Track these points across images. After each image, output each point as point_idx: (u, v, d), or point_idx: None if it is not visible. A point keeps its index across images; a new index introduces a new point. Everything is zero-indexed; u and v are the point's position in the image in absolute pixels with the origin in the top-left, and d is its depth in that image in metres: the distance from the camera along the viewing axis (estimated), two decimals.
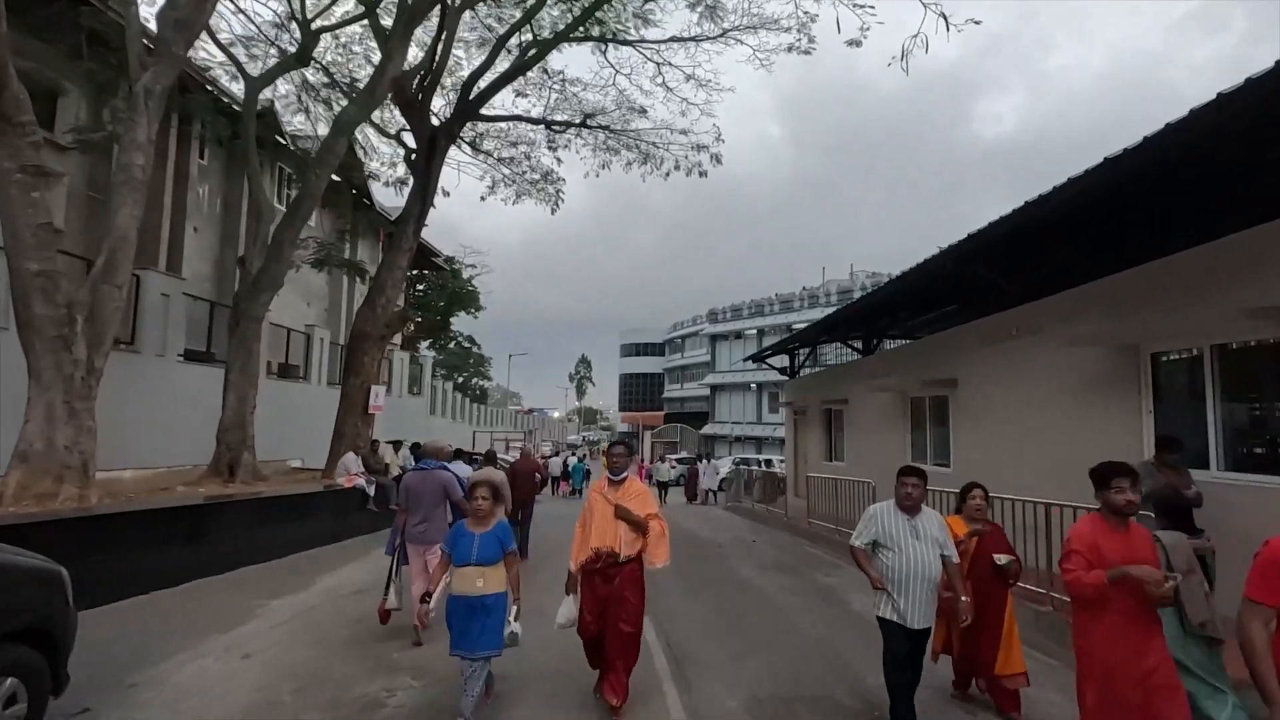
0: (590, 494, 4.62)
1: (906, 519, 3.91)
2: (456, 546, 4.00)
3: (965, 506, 4.66)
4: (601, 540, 4.34)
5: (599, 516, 4.40)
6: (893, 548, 3.85)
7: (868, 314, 13.11)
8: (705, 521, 15.28)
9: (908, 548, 3.83)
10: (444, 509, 5.76)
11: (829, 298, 37.17)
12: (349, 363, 14.17)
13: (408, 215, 15.26)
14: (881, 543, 3.92)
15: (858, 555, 4.04)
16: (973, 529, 4.47)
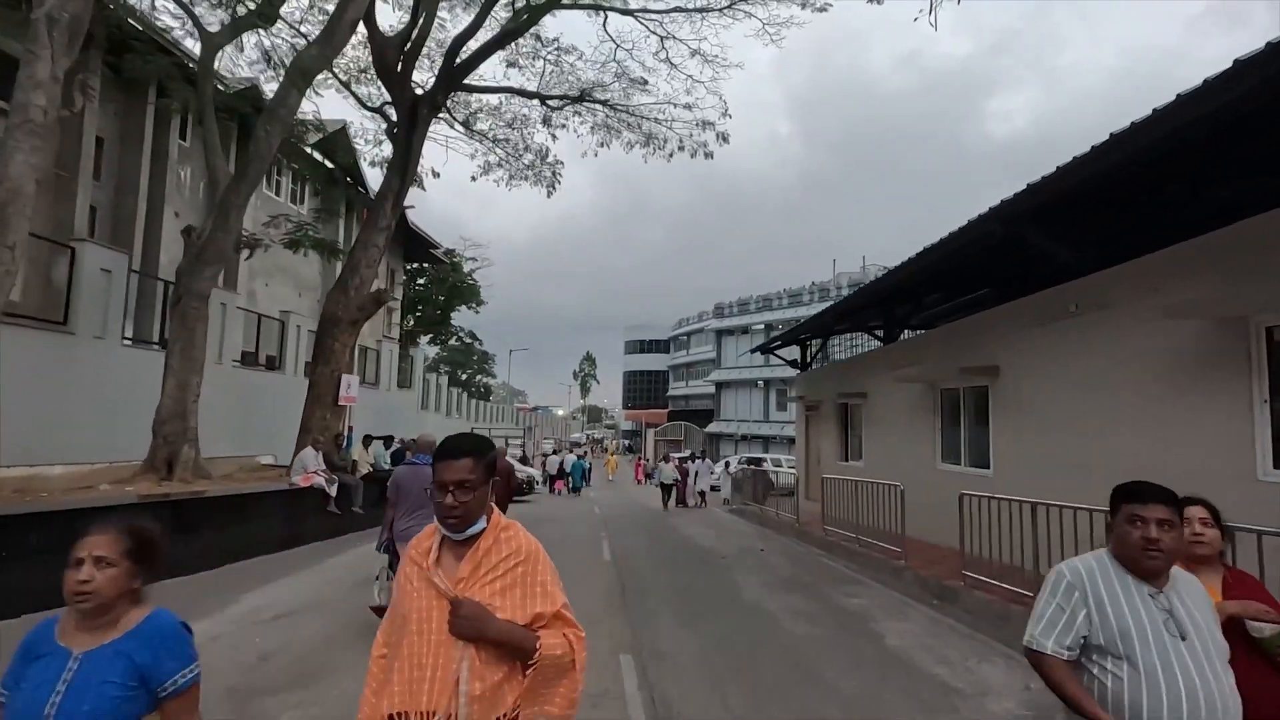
0: (403, 569, 1.83)
1: (1150, 592, 1.90)
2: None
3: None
4: (415, 694, 1.63)
5: (417, 627, 1.68)
6: (1133, 657, 1.82)
7: (888, 297, 11.73)
8: (709, 526, 13.95)
9: (1165, 655, 1.81)
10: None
11: (840, 291, 35.66)
12: (317, 349, 12.93)
13: (386, 191, 14.01)
14: (1105, 646, 1.87)
15: (1052, 671, 1.90)
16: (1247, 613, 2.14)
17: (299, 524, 9.73)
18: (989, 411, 8.91)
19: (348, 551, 9.42)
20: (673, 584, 7.79)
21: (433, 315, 43.74)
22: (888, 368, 11.61)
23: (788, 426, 37.64)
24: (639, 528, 13.49)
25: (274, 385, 16.05)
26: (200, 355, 9.67)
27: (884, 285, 10.63)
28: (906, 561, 8.35)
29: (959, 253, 8.55)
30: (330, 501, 10.38)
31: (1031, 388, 8.13)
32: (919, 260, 9.14)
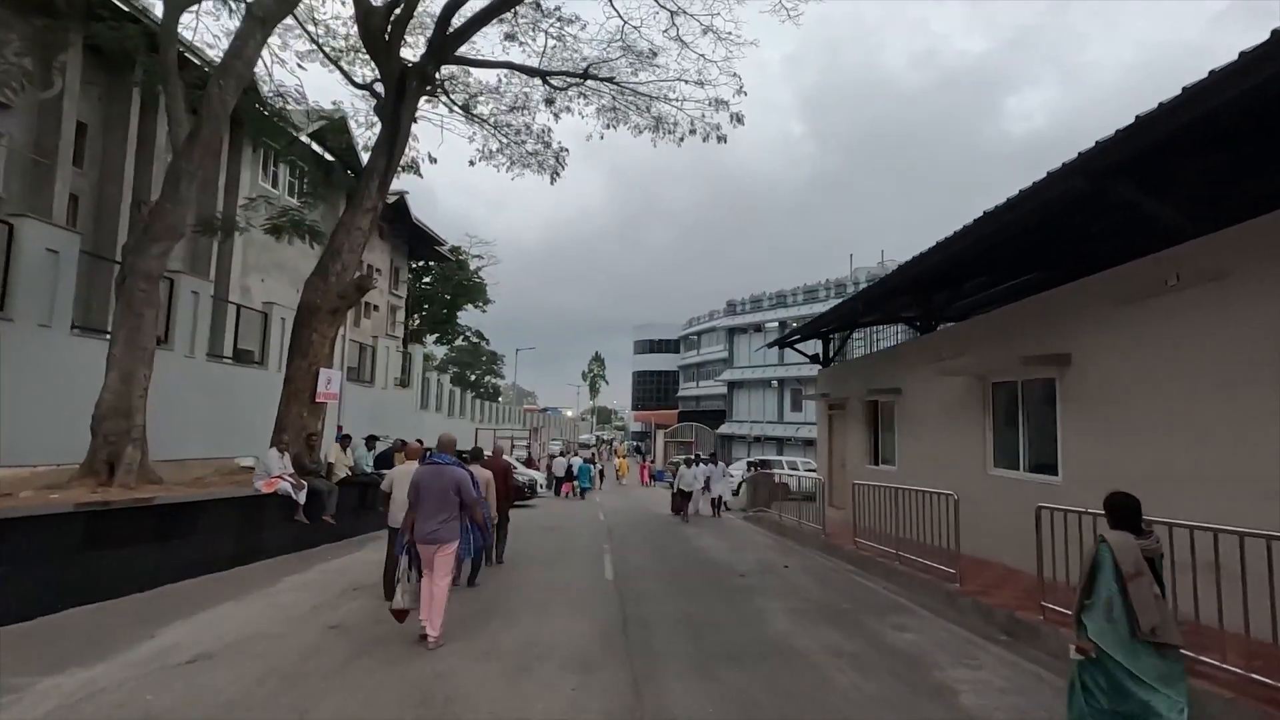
0: None
1: None
2: None
3: None
4: None
5: None
6: None
7: (926, 282, 10.40)
8: (722, 537, 12.66)
9: None
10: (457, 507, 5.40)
11: (858, 287, 34.23)
12: (294, 341, 11.79)
13: (372, 169, 12.86)
14: None
15: None
16: None
17: (258, 536, 8.56)
18: (1056, 408, 7.59)
19: (313, 568, 8.23)
20: (684, 612, 6.53)
21: (438, 314, 42.78)
22: (927, 360, 10.29)
23: (803, 428, 36.23)
24: (646, 538, 12.23)
25: (256, 381, 14.96)
26: (149, 344, 8.53)
27: (922, 268, 9.30)
28: (961, 585, 7.04)
29: (1017, 224, 7.23)
30: (299, 510, 9.21)
31: (1112, 379, 6.81)
32: (966, 236, 7.80)
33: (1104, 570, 3.23)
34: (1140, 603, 3.11)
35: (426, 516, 5.29)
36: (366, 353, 21.74)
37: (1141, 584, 3.14)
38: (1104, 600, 3.20)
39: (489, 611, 6.33)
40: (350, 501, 10.92)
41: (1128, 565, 3.16)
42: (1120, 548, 3.22)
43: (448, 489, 5.35)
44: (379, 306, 33.36)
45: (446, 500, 5.33)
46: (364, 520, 11.33)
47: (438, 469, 5.44)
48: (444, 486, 5.34)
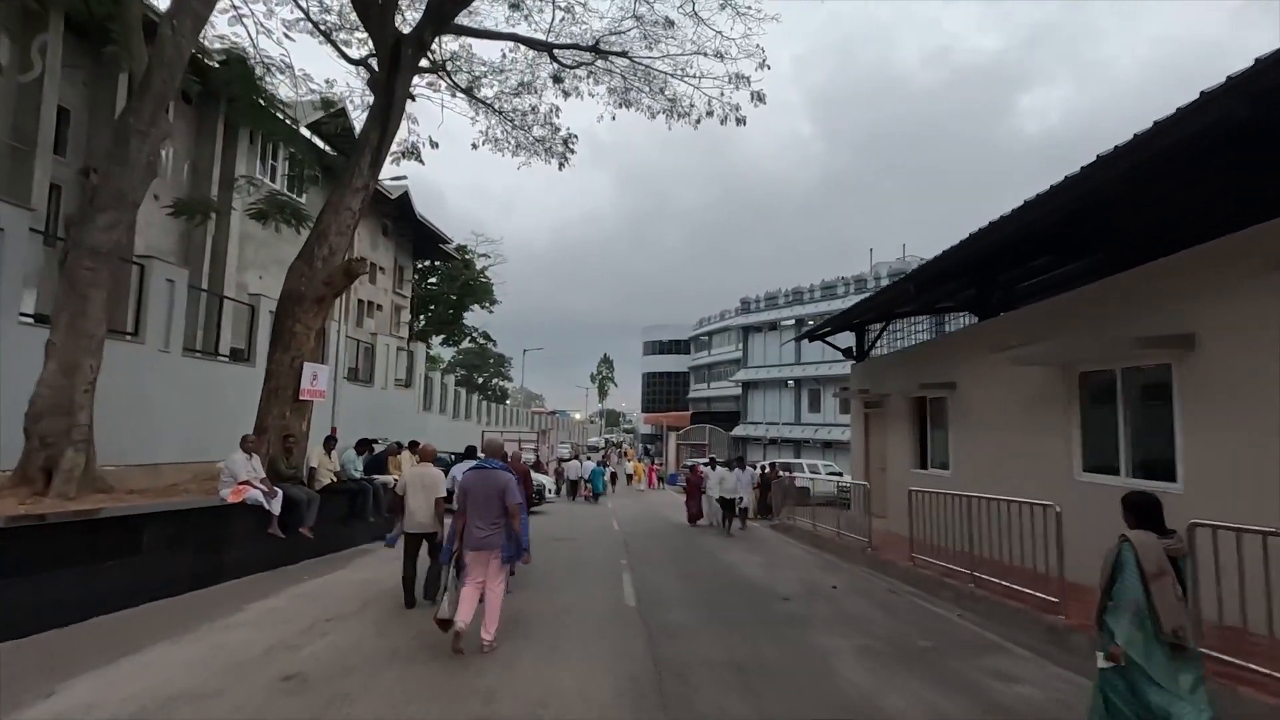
0: None
1: None
2: None
3: None
4: None
5: None
6: None
7: (990, 258, 9.06)
8: (753, 550, 11.35)
9: None
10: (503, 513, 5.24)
11: (878, 282, 32.85)
12: (275, 333, 10.62)
13: (363, 144, 11.68)
14: None
15: None
16: None
17: (221, 553, 7.34)
18: (1173, 400, 6.26)
19: (282, 592, 7.00)
20: (728, 655, 5.24)
21: (445, 315, 41.73)
22: (990, 349, 8.97)
23: (822, 429, 34.86)
24: (667, 552, 10.94)
25: (241, 379, 13.78)
26: (97, 331, 7.34)
27: (987, 242, 7.96)
28: (1067, 617, 5.72)
29: (1117, 183, 5.91)
30: (273, 522, 8.00)
31: (1252, 363, 5.49)
32: (1050, 201, 6.47)
33: (1126, 570, 3.15)
34: (1163, 603, 3.04)
35: (477, 523, 5.18)
36: (364, 351, 20.60)
37: (1165, 584, 3.07)
38: (1129, 602, 3.11)
39: (487, 655, 5.07)
40: (335, 511, 9.72)
41: (1150, 565, 3.09)
42: (1143, 546, 3.14)
43: (495, 494, 5.22)
44: (382, 306, 32.27)
45: (495, 505, 5.21)
46: (350, 532, 10.12)
47: (485, 473, 5.32)
48: (491, 491, 5.22)
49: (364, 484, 10.31)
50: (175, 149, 18.86)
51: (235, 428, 11.42)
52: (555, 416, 65.03)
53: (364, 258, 31.28)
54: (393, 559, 9.31)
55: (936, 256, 8.85)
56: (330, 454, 9.76)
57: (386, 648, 5.21)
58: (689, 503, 15.03)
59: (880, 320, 14.25)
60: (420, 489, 6.48)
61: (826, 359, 35.10)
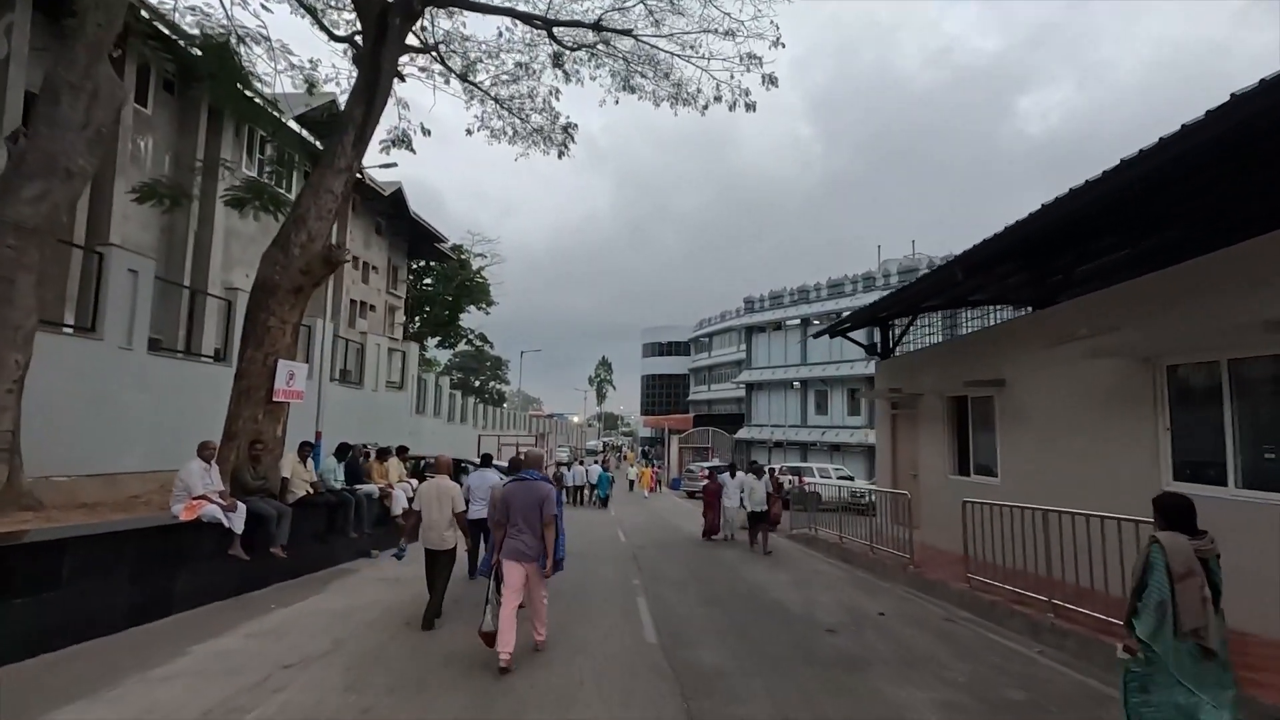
0: None
1: None
2: None
3: None
4: None
5: None
6: None
7: (1048, 240, 8.03)
8: (777, 566, 10.29)
9: None
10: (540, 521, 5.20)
11: (888, 279, 31.87)
12: (247, 328, 9.58)
13: (346, 121, 10.65)
14: None
15: None
16: None
17: (170, 581, 6.26)
18: None
19: (239, 628, 5.92)
20: (781, 715, 4.19)
21: (440, 316, 40.69)
22: (1049, 341, 7.96)
23: (829, 431, 33.84)
24: (684, 570, 9.86)
25: (218, 381, 12.68)
26: (24, 321, 6.27)
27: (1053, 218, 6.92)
28: None
29: (1240, 129, 4.88)
30: (234, 542, 6.92)
31: None
32: (1148, 160, 5.44)
33: (1156, 571, 3.13)
34: (1186, 603, 3.05)
35: (518, 533, 5.20)
36: (353, 351, 19.52)
37: (1191, 584, 3.07)
38: (1157, 603, 3.09)
39: (479, 715, 4.01)
40: (312, 526, 8.65)
41: (1179, 565, 3.09)
42: (1172, 548, 3.14)
43: (536, 505, 5.22)
44: (375, 306, 31.22)
45: (535, 516, 5.22)
46: (330, 549, 9.04)
47: (527, 484, 5.33)
48: (532, 503, 5.23)
49: (345, 495, 9.25)
50: (155, 140, 17.89)
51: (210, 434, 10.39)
52: (553, 420, 63.96)
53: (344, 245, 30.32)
54: (377, 580, 8.30)
55: (989, 237, 7.82)
56: (306, 462, 8.68)
57: (356, 708, 4.15)
58: (706, 513, 13.26)
59: (906, 314, 13.23)
60: (436, 503, 6.22)
61: (834, 359, 34.10)
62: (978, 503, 7.53)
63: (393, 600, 7.21)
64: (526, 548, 5.16)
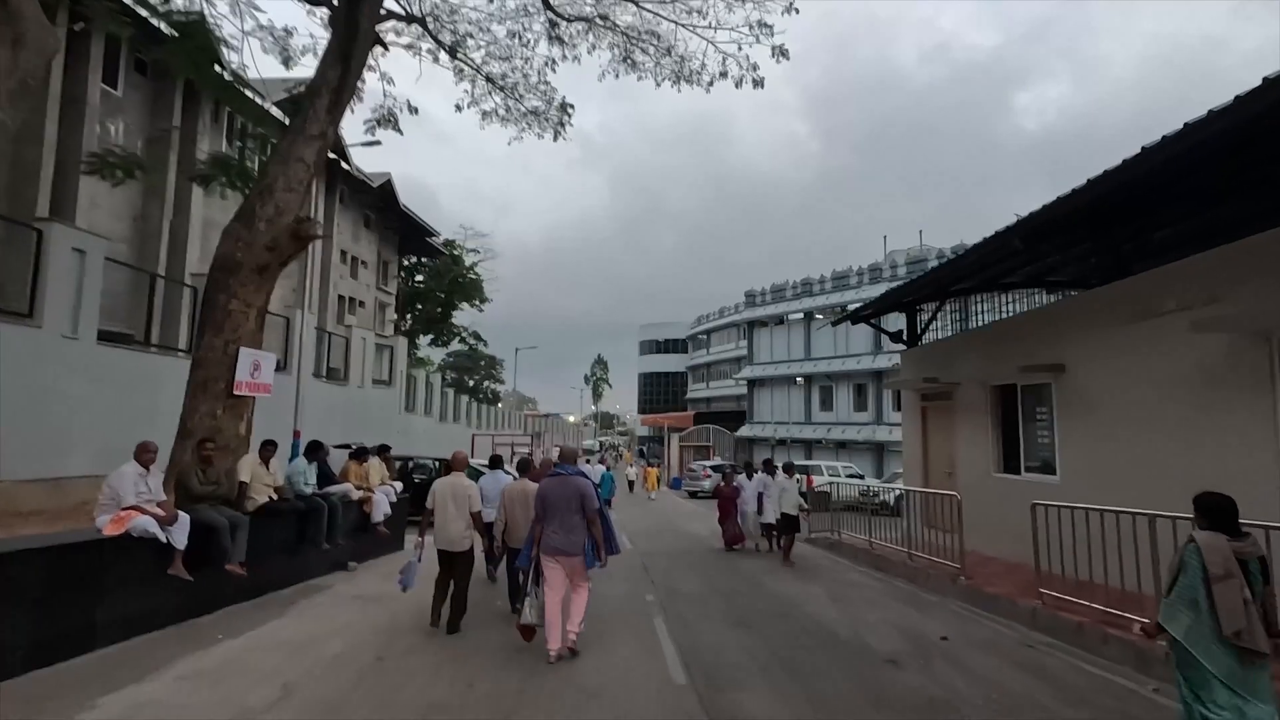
0: None
1: None
2: None
3: None
4: None
5: None
6: None
7: (1119, 205, 6.97)
8: (806, 578, 9.20)
9: None
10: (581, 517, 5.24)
11: (894, 270, 30.87)
12: (204, 312, 8.46)
13: (319, 85, 9.51)
14: None
15: None
16: None
17: (89, 610, 5.11)
18: None
19: (167, 669, 4.78)
20: None
21: (433, 313, 39.51)
22: (1127, 318, 6.90)
23: (835, 428, 32.84)
24: (700, 579, 8.77)
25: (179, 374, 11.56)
26: None
27: (1134, 175, 5.86)
28: None
29: None
30: (175, 559, 5.79)
31: None
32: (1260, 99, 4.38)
33: (1189, 571, 3.13)
34: (1226, 606, 2.99)
35: (556, 529, 5.21)
36: (338, 345, 18.36)
37: (1230, 586, 3.01)
38: (1188, 601, 3.10)
39: None
40: (277, 537, 7.51)
41: (1216, 567, 3.06)
42: (1209, 549, 3.11)
43: (574, 500, 5.23)
44: (365, 302, 30.05)
45: (574, 511, 5.22)
46: (300, 563, 7.91)
47: (564, 479, 5.35)
48: (570, 497, 5.23)
49: (316, 501, 8.11)
50: (127, 124, 16.71)
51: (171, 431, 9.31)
52: (549, 419, 62.86)
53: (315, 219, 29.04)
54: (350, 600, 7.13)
55: (1058, 198, 6.74)
56: (269, 464, 7.53)
57: None
58: (724, 522, 11.52)
59: (935, 299, 12.17)
60: (451, 501, 5.97)
61: (839, 353, 33.09)
62: (1051, 505, 6.46)
63: (365, 626, 6.10)
64: (565, 543, 5.16)
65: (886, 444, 29.28)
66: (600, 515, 5.36)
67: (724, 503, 11.50)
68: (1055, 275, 11.04)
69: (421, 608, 6.34)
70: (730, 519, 11.35)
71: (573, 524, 5.17)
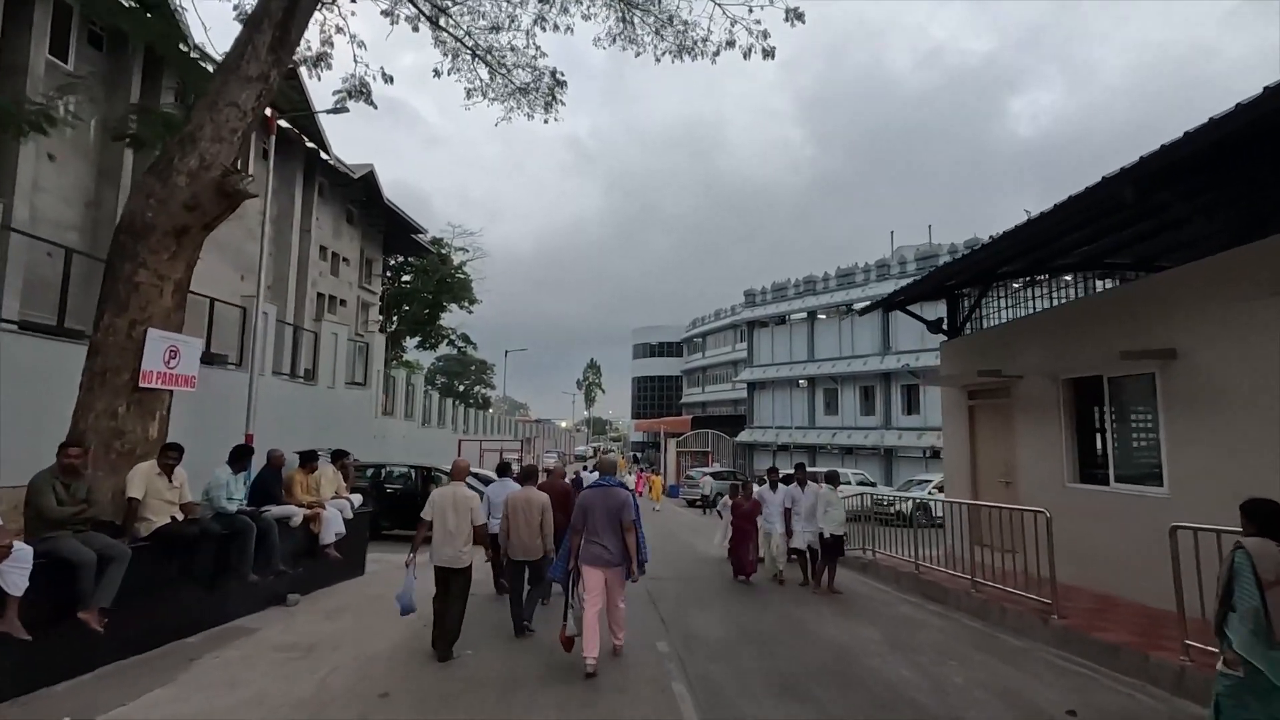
0: None
1: None
2: None
3: None
4: None
5: None
6: None
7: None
8: (854, 615, 7.57)
9: None
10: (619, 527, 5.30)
11: (903, 266, 29.43)
12: (105, 286, 6.79)
13: (259, 16, 7.90)
14: None
15: None
16: None
17: None
18: None
19: None
20: None
21: (420, 314, 37.81)
22: (1273, 287, 5.36)
23: (840, 433, 31.32)
24: (725, 621, 7.06)
25: None
26: None
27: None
28: None
29: None
30: (8, 610, 4.12)
31: None
32: None
33: (1241, 578, 3.07)
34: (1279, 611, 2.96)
35: (596, 539, 5.25)
36: (305, 340, 16.65)
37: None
38: (1248, 610, 3.01)
39: None
40: (184, 568, 5.83)
41: (1268, 573, 3.04)
42: (1260, 554, 3.08)
43: (615, 511, 5.28)
44: (346, 301, 28.31)
45: (615, 522, 5.27)
46: (214, 603, 6.20)
47: (606, 490, 5.39)
48: (612, 508, 5.29)
49: (241, 521, 6.43)
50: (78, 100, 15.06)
51: None
52: (540, 425, 61.21)
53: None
54: (274, 652, 5.29)
55: (1186, 134, 5.19)
56: (172, 475, 5.85)
57: None
58: (739, 547, 9.22)
59: (978, 283, 10.64)
60: (452, 513, 5.47)
61: (844, 354, 31.61)
62: (1193, 528, 4.89)
63: (284, 696, 4.45)
64: (606, 553, 5.21)
65: (896, 449, 27.77)
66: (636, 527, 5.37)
67: (741, 521, 9.21)
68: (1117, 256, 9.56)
69: (368, 656, 5.28)
70: (748, 543, 9.12)
71: (615, 534, 5.24)
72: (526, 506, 6.05)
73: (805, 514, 8.57)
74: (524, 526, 5.98)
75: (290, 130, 23.28)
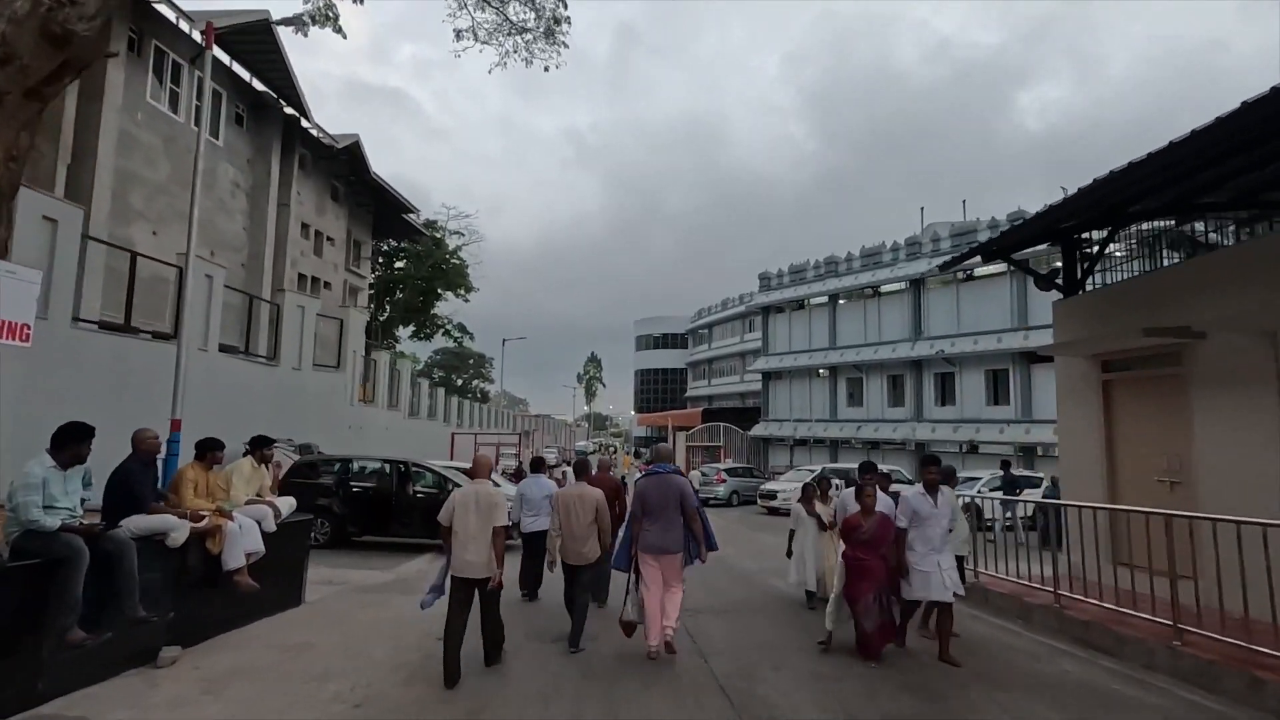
0: None
1: None
2: None
3: None
4: None
5: None
6: None
7: None
8: (1015, 688, 5.13)
9: None
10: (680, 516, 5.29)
11: (936, 244, 27.02)
12: None
13: None
14: None
15: None
16: None
17: None
18: None
19: None
20: None
21: (414, 301, 35.47)
22: None
23: (865, 426, 28.99)
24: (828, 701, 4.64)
25: None
26: None
27: None
28: None
29: None
30: None
31: None
32: None
33: None
34: None
35: (655, 527, 5.25)
36: (263, 313, 14.25)
37: None
38: None
39: None
40: None
41: None
42: None
43: (673, 498, 5.27)
44: (331, 284, 25.93)
45: (673, 510, 5.27)
46: (18, 672, 3.87)
47: (662, 478, 5.36)
48: (671, 496, 5.27)
49: (66, 544, 4.08)
50: None
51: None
52: (540, 419, 59.02)
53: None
54: None
55: None
56: None
57: None
58: (861, 596, 5.25)
59: (1102, 224, 8.25)
60: (473, 514, 4.79)
61: (870, 341, 29.26)
62: None
63: None
64: (664, 541, 5.21)
65: (928, 443, 25.41)
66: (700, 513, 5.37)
67: (862, 555, 5.37)
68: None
69: None
70: (872, 591, 5.27)
71: (672, 522, 5.23)
72: (580, 504, 5.64)
73: (940, 539, 5.39)
74: (579, 527, 5.57)
75: (266, 94, 21.01)
